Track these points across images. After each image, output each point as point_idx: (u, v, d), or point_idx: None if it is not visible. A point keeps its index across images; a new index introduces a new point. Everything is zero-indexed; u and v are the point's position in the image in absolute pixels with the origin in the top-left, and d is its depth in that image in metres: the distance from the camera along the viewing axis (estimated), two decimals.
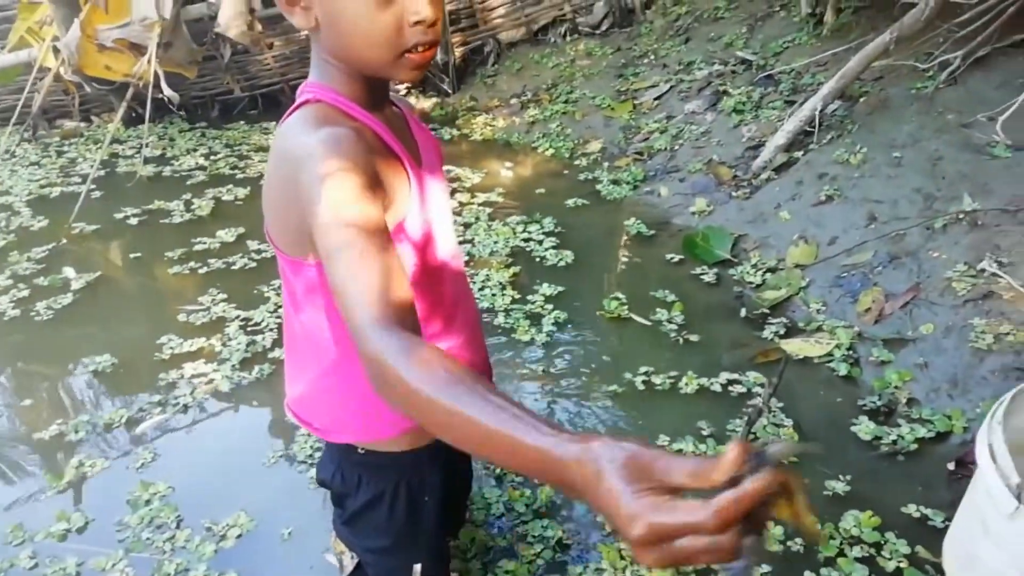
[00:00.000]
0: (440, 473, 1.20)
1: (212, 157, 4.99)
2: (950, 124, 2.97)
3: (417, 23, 0.86)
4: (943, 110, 3.06)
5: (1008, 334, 2.06)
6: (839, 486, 1.92)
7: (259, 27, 4.78)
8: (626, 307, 2.83)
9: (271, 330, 2.91)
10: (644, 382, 2.39)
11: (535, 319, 2.83)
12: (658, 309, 2.77)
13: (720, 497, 0.49)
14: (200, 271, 3.45)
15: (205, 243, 3.71)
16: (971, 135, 2.84)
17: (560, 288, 3.01)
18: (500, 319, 2.84)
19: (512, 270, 3.19)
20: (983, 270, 2.28)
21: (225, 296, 3.19)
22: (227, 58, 5.37)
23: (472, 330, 1.17)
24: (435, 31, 0.89)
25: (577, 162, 4.34)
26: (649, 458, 0.52)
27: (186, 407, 2.52)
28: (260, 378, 2.64)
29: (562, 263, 3.24)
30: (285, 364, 1.17)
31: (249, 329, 2.93)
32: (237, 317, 3.02)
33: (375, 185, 0.85)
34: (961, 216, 2.51)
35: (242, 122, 5.71)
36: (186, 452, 2.34)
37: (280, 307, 2.99)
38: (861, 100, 3.44)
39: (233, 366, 2.70)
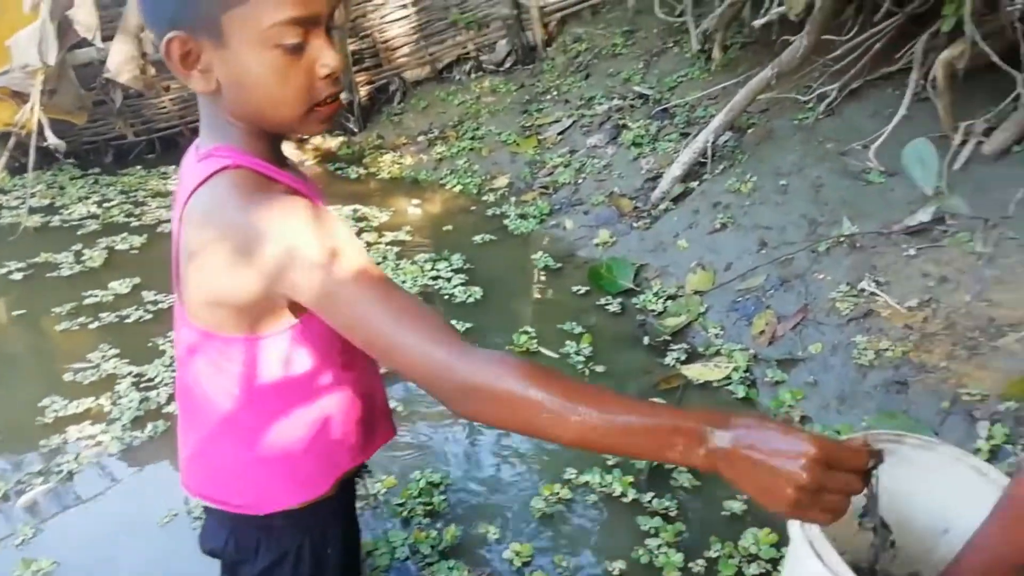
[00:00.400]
0: (341, 524, 1.16)
1: (105, 204, 4.78)
2: (830, 152, 3.14)
3: (327, 76, 0.86)
4: (823, 139, 3.24)
5: (887, 350, 2.17)
6: (736, 505, 1.97)
7: (152, 71, 4.65)
8: (535, 340, 2.85)
9: (166, 385, 2.78)
10: None
11: None
12: (567, 341, 2.79)
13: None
14: (91, 326, 3.28)
15: (97, 296, 3.53)
16: (848, 162, 3.01)
17: (469, 324, 3.00)
18: None
19: None
20: (863, 290, 2.40)
21: (117, 351, 3.03)
22: (119, 103, 5.19)
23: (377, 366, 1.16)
24: (339, 81, 0.90)
25: (485, 198, 4.37)
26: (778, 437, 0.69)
27: (71, 474, 2.37)
28: (153, 436, 2.51)
29: (471, 299, 3.24)
30: (185, 444, 1.09)
31: (142, 386, 2.79)
32: (129, 373, 2.87)
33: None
34: (842, 239, 2.64)
35: (139, 167, 5.50)
36: (72, 523, 2.20)
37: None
38: (749, 131, 3.60)
39: (124, 426, 2.56)
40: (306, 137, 5.23)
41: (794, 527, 0.97)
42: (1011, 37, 2.63)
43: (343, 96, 5.32)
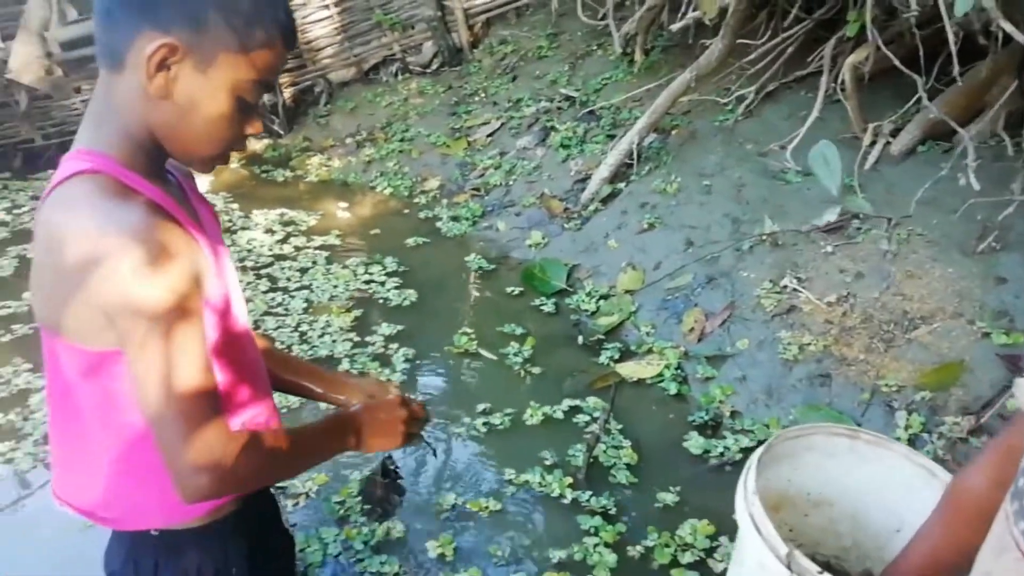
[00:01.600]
0: (245, 541, 1.13)
1: (15, 211, 4.54)
2: (750, 153, 3.26)
3: (249, 135, 0.94)
4: (743, 140, 3.37)
5: (810, 344, 2.28)
6: (669, 497, 2.04)
7: (60, 71, 4.42)
8: (475, 342, 2.86)
9: None
10: (491, 420, 2.42)
11: (383, 360, 2.79)
12: (511, 343, 2.81)
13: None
14: (3, 339, 3.11)
15: (11, 307, 3.35)
16: (767, 163, 3.13)
17: (401, 327, 2.99)
18: (345, 365, 2.77)
19: (354, 314, 3.13)
20: (785, 286, 2.51)
21: (30, 366, 2.89)
22: (24, 105, 4.91)
23: (271, 395, 1.14)
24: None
25: (416, 200, 4.35)
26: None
27: None
28: None
29: (406, 302, 3.22)
30: (54, 453, 1.06)
31: None
32: (42, 387, 2.74)
33: (194, 273, 0.86)
34: (764, 237, 2.75)
35: (50, 171, 5.23)
36: None
37: None
38: (673, 133, 3.71)
39: (35, 441, 2.45)
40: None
41: (741, 510, 1.02)
42: (911, 43, 2.79)
43: (266, 98, 5.21)
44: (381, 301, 3.25)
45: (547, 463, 2.21)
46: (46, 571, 1.99)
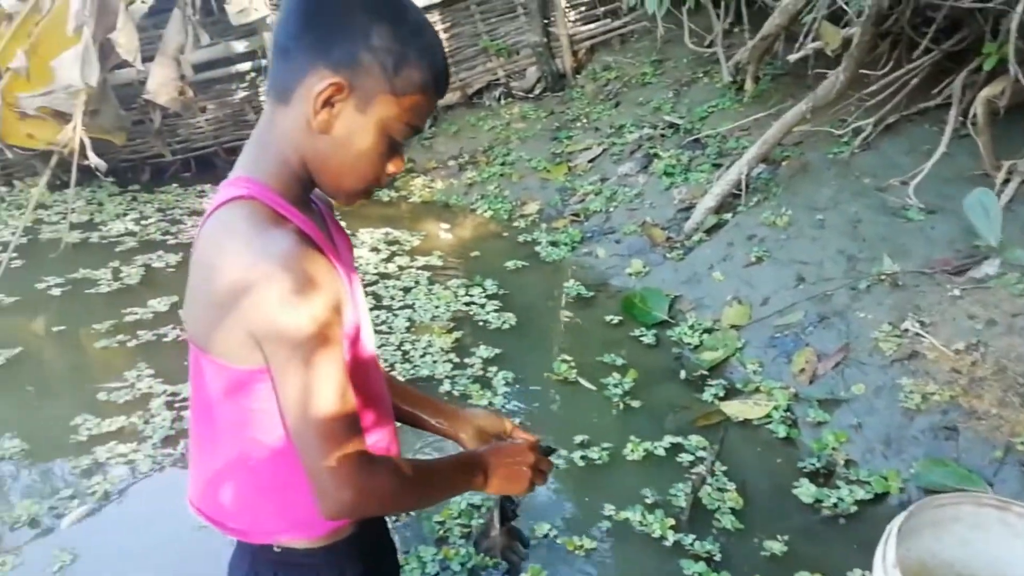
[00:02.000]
0: (362, 565, 1.16)
1: (143, 222, 4.85)
2: (867, 188, 3.13)
3: (390, 174, 0.98)
4: (859, 174, 3.23)
5: (934, 394, 2.15)
6: (777, 546, 1.97)
7: (190, 92, 4.73)
8: (574, 370, 2.84)
9: None
10: (589, 453, 2.39)
11: (484, 383, 2.82)
12: (612, 374, 2.78)
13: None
14: (129, 344, 3.31)
15: (137, 313, 3.57)
16: (886, 198, 3.00)
17: (500, 351, 3.02)
18: (446, 386, 2.82)
19: (454, 335, 3.18)
20: (907, 330, 2.39)
21: (152, 371, 3.07)
22: (157, 123, 5.27)
23: (393, 421, 1.16)
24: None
25: (516, 224, 4.39)
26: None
27: (107, 494, 2.39)
28: (185, 453, 2.53)
29: (505, 325, 3.25)
30: (193, 462, 1.12)
31: (177, 405, 2.82)
32: (164, 392, 2.91)
33: (335, 302, 0.90)
34: (883, 277, 2.63)
35: (175, 185, 5.59)
36: (108, 546, 2.22)
37: None
38: (783, 164, 3.60)
39: (155, 444, 2.61)
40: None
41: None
42: None
43: None
44: (481, 324, 3.28)
45: (647, 501, 2.16)
46: (161, 569, 2.09)
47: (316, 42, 0.92)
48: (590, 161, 4.67)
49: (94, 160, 4.39)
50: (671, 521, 2.07)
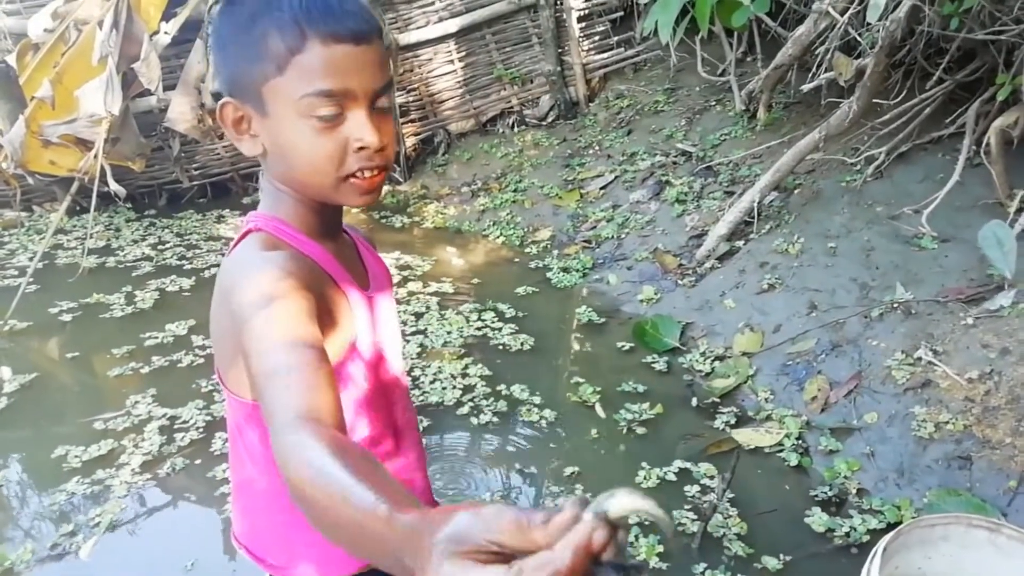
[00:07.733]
0: None
1: (160, 247, 4.90)
2: (879, 216, 3.13)
3: (361, 149, 0.86)
4: (872, 202, 3.23)
5: (947, 423, 2.13)
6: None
7: (210, 121, 4.81)
8: (598, 395, 2.83)
9: (197, 428, 2.85)
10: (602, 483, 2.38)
11: (492, 410, 2.81)
12: (636, 401, 2.77)
13: (526, 562, 0.45)
14: (142, 370, 3.34)
15: (157, 338, 3.60)
16: (899, 227, 2.99)
17: (510, 376, 3.01)
18: (456, 412, 2.81)
19: (465, 361, 3.18)
20: (920, 358, 2.37)
21: (153, 393, 3.10)
22: (176, 150, 5.37)
23: (418, 450, 1.15)
24: (384, 156, 0.89)
25: (527, 250, 4.41)
26: (470, 521, 0.48)
27: (113, 525, 2.40)
28: (172, 472, 2.54)
29: (525, 347, 3.25)
30: (233, 497, 1.13)
31: (181, 428, 2.85)
32: (164, 416, 2.93)
33: (313, 304, 0.82)
34: (896, 305, 2.61)
35: (191, 211, 5.66)
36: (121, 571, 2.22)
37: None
38: (796, 192, 3.61)
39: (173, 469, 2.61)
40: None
41: None
42: None
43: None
44: (500, 348, 3.28)
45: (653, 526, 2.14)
46: None
47: (213, 82, 0.94)
48: (602, 188, 4.69)
49: (114, 186, 4.46)
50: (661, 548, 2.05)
